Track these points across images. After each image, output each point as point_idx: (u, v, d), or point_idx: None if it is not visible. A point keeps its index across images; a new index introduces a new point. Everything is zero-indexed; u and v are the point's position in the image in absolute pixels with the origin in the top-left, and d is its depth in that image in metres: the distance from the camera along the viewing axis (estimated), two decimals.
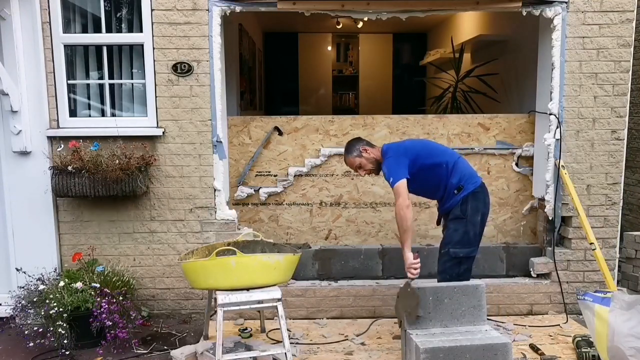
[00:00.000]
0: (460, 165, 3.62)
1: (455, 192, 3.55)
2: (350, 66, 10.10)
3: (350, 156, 3.73)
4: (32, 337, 3.65)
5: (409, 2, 4.13)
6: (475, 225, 3.55)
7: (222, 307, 3.18)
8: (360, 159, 3.70)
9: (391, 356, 3.58)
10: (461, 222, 3.53)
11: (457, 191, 3.54)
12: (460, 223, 3.54)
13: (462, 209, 3.53)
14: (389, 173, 3.52)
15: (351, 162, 3.75)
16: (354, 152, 3.71)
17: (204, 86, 4.15)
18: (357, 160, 3.71)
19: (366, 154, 3.69)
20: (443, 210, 3.69)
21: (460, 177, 3.57)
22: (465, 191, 3.53)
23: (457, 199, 3.54)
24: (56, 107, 4.20)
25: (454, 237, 3.54)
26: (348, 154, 3.75)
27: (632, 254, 4.73)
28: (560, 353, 3.57)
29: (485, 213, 3.61)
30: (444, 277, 3.56)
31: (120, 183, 3.93)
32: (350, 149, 3.74)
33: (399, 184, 3.44)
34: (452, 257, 3.54)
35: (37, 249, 4.19)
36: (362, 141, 3.77)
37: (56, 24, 4.14)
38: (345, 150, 3.78)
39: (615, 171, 4.32)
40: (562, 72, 4.20)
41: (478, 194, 3.57)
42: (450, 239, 3.56)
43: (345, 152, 3.78)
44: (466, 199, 3.53)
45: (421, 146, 3.73)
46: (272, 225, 4.64)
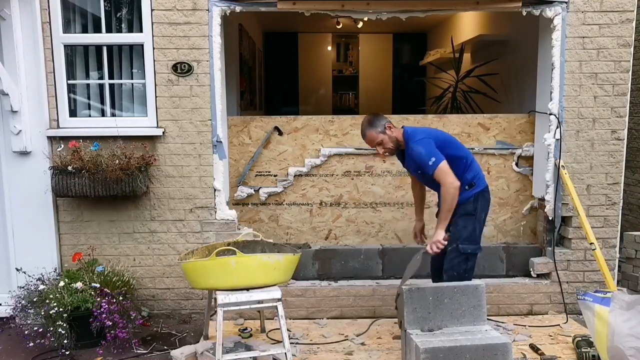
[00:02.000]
0: (475, 164, 3.64)
1: (467, 187, 3.53)
2: (350, 66, 10.10)
3: (374, 130, 3.51)
4: (32, 337, 3.65)
5: (409, 2, 4.13)
6: (481, 223, 3.59)
7: (222, 307, 3.18)
8: (383, 136, 3.51)
9: (391, 356, 3.58)
10: (471, 219, 3.53)
11: (468, 187, 3.53)
12: (470, 219, 3.54)
13: (474, 205, 3.53)
14: (427, 154, 3.38)
15: (373, 137, 3.53)
16: (378, 126, 3.51)
17: (204, 86, 4.15)
18: (380, 136, 3.51)
19: (389, 131, 3.51)
20: None
21: (475, 174, 3.57)
22: (477, 188, 3.55)
23: (469, 195, 3.52)
24: (56, 107, 4.20)
25: (462, 233, 3.52)
26: (371, 127, 3.52)
27: (632, 254, 4.73)
28: (560, 353, 3.57)
29: (487, 214, 3.65)
30: (450, 274, 3.55)
31: (120, 183, 3.93)
32: (374, 122, 3.52)
33: (443, 164, 3.35)
34: (461, 252, 3.52)
35: (37, 249, 4.19)
36: (384, 118, 3.57)
37: (56, 24, 4.14)
38: (367, 123, 3.54)
39: (615, 171, 4.32)
40: (562, 72, 4.21)
41: (486, 193, 3.61)
42: (459, 234, 3.52)
43: (367, 125, 3.53)
44: (477, 196, 3.54)
45: (447, 136, 3.68)
46: (272, 225, 4.64)
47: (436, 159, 3.38)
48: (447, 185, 3.36)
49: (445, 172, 3.37)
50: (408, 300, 3.27)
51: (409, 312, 3.27)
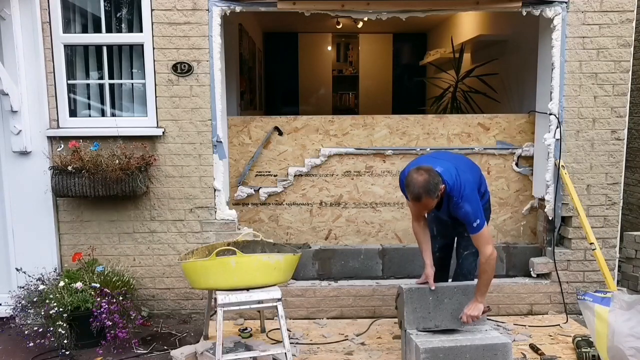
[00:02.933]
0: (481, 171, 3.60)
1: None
2: (350, 66, 10.10)
3: (431, 197, 3.07)
4: (32, 337, 3.65)
5: (409, 2, 4.13)
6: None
7: (222, 307, 3.18)
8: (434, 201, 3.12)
9: (391, 356, 3.58)
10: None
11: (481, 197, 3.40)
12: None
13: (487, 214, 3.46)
14: (474, 215, 3.12)
15: (429, 204, 3.13)
16: (435, 192, 3.07)
17: (204, 86, 4.15)
18: (434, 202, 3.12)
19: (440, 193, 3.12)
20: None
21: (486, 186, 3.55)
22: (487, 194, 3.54)
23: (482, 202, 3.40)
24: (56, 107, 4.20)
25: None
26: (429, 195, 3.05)
27: (632, 254, 4.73)
28: (560, 353, 3.57)
29: None
30: (471, 278, 3.54)
31: (120, 183, 3.93)
32: (432, 189, 3.05)
33: (486, 230, 3.17)
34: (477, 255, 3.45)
35: (37, 249, 4.19)
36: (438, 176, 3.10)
37: (56, 24, 4.14)
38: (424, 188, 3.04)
39: (615, 171, 4.32)
40: (562, 72, 4.21)
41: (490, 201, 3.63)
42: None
43: (425, 192, 3.05)
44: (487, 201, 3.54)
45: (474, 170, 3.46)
46: (272, 225, 4.64)
47: (480, 222, 3.15)
48: (486, 255, 3.16)
49: (486, 239, 3.17)
50: (408, 300, 3.28)
51: (409, 312, 3.27)
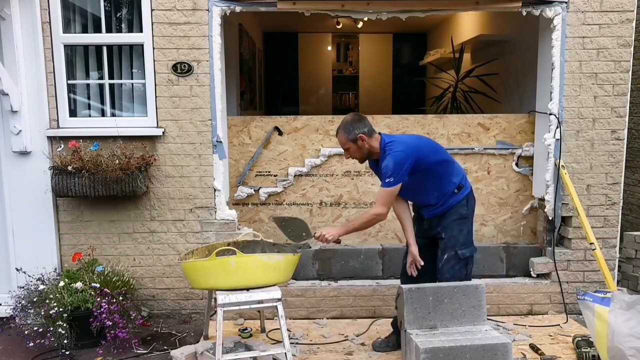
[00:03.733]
0: (457, 165, 3.55)
1: (455, 191, 3.44)
2: (350, 66, 10.10)
3: (345, 135, 3.36)
4: (32, 337, 3.65)
5: (409, 2, 4.13)
6: (472, 223, 3.54)
7: (222, 307, 3.18)
8: (352, 144, 3.36)
9: (391, 356, 3.58)
10: (465, 222, 3.47)
11: (457, 190, 3.44)
12: (464, 223, 3.47)
13: (467, 207, 3.46)
14: (392, 170, 3.23)
15: (341, 141, 3.41)
16: (350, 133, 3.34)
17: (204, 86, 4.15)
18: (348, 143, 3.37)
19: (361, 142, 3.34)
20: (436, 212, 3.47)
21: (460, 176, 3.50)
22: (466, 190, 3.47)
23: (459, 198, 3.44)
24: (56, 107, 4.20)
25: (459, 238, 3.44)
26: (343, 131, 3.36)
27: (632, 254, 4.73)
28: (560, 353, 3.57)
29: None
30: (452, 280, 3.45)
31: (120, 183, 3.93)
32: (349, 127, 3.35)
33: (393, 190, 3.25)
34: (460, 258, 3.44)
35: (37, 249, 4.19)
36: (364, 125, 3.35)
37: (56, 24, 4.14)
38: (343, 124, 3.38)
39: (615, 171, 4.32)
40: (562, 72, 4.21)
41: (473, 192, 3.56)
42: (455, 240, 3.43)
43: (342, 127, 3.38)
44: (468, 197, 3.48)
45: (430, 142, 3.55)
46: (272, 225, 4.64)
47: (392, 181, 3.23)
48: (374, 209, 3.30)
49: (386, 198, 3.27)
50: (408, 300, 3.27)
51: (409, 312, 3.27)
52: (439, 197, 3.44)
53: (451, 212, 3.44)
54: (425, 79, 8.88)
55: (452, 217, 3.44)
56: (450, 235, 3.44)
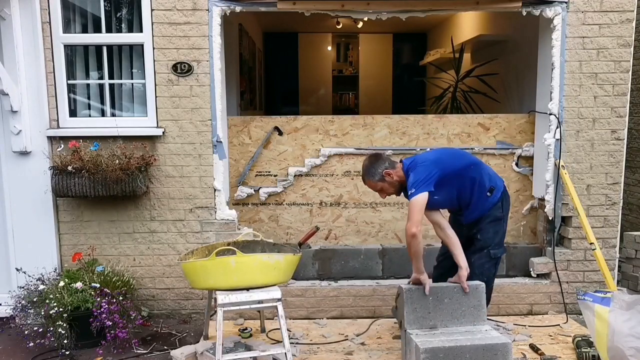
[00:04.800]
0: (484, 166, 3.55)
1: (488, 194, 3.44)
2: (350, 66, 10.10)
3: (372, 179, 3.41)
4: (32, 337, 3.65)
5: (409, 2, 4.13)
6: (507, 223, 3.60)
7: (222, 307, 3.18)
8: (382, 184, 3.41)
9: (391, 356, 3.58)
10: (500, 223, 3.51)
11: (490, 193, 3.44)
12: (499, 224, 3.51)
13: (502, 209, 3.49)
14: (414, 183, 3.22)
15: (372, 186, 3.45)
16: (375, 175, 3.39)
17: (204, 86, 4.15)
18: (378, 184, 3.42)
19: (389, 178, 3.38)
20: (476, 216, 3.49)
21: (489, 177, 3.50)
22: (498, 191, 3.49)
23: (494, 201, 3.46)
24: (56, 107, 4.20)
25: (495, 239, 3.48)
26: (369, 176, 3.41)
27: (632, 254, 4.73)
28: (560, 353, 3.57)
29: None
30: (481, 279, 3.49)
31: (120, 183, 3.93)
32: (370, 171, 3.40)
33: (417, 198, 3.18)
34: (492, 258, 3.51)
35: (37, 249, 4.19)
36: (383, 162, 3.40)
37: (56, 24, 4.14)
38: (366, 170, 3.43)
39: (615, 171, 4.32)
40: (562, 72, 4.21)
41: (507, 191, 3.59)
42: (491, 241, 3.47)
43: (366, 174, 3.43)
44: (502, 199, 3.50)
45: (445, 153, 3.59)
46: (272, 225, 4.64)
47: (415, 191, 3.21)
48: (407, 225, 3.20)
49: (412, 209, 3.18)
50: (408, 300, 3.28)
51: (409, 312, 3.27)
52: (473, 201, 3.47)
53: (487, 214, 3.48)
54: (425, 79, 8.88)
55: (487, 220, 3.49)
56: (486, 237, 3.49)
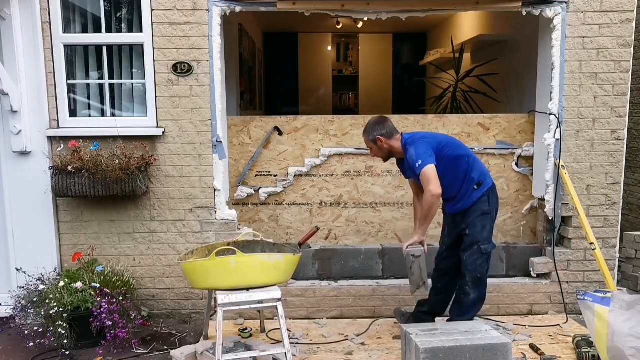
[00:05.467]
0: (478, 162, 3.65)
1: (475, 187, 3.54)
2: (350, 66, 10.10)
3: (366, 136, 3.69)
4: (32, 337, 3.65)
5: (409, 2, 4.13)
6: (494, 220, 3.63)
7: (222, 307, 3.18)
8: (372, 145, 3.68)
9: (391, 356, 3.58)
10: (487, 218, 3.57)
11: (477, 187, 3.54)
12: (487, 219, 3.57)
13: (489, 203, 3.56)
14: (417, 156, 3.41)
15: (365, 142, 3.75)
16: (369, 135, 3.66)
17: (204, 86, 4.15)
18: (370, 144, 3.70)
19: (380, 143, 3.62)
20: (457, 208, 3.62)
21: (480, 172, 3.59)
22: (485, 186, 3.56)
23: (479, 195, 3.54)
24: (56, 107, 4.20)
25: (483, 234, 3.55)
26: (365, 133, 3.70)
27: (632, 254, 4.73)
28: (560, 353, 3.57)
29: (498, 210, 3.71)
30: (474, 275, 3.57)
31: (120, 183, 3.93)
32: (368, 130, 3.67)
33: (430, 168, 3.36)
34: (483, 253, 3.56)
35: (37, 249, 4.19)
36: (383, 128, 3.63)
37: (56, 24, 4.14)
38: (366, 127, 3.72)
39: (615, 171, 4.32)
40: (562, 72, 4.21)
41: (495, 189, 3.64)
42: (480, 236, 3.54)
43: (364, 129, 3.72)
44: (488, 194, 3.57)
45: (447, 138, 3.71)
46: (272, 225, 4.64)
47: (423, 162, 3.37)
48: (426, 191, 3.36)
49: (428, 177, 3.35)
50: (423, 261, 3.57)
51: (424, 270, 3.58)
52: (458, 191, 3.57)
53: (473, 208, 3.55)
54: (425, 79, 8.88)
55: (475, 214, 3.55)
56: (475, 232, 3.56)
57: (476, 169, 3.58)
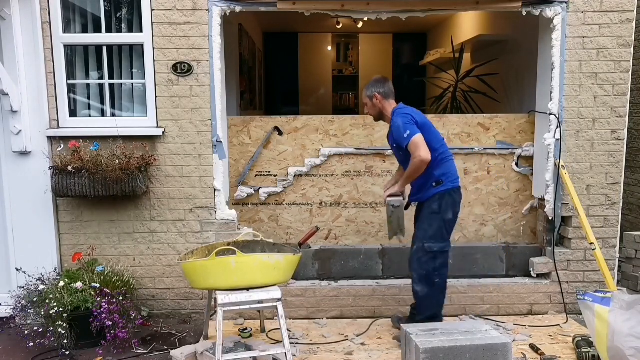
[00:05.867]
0: (448, 162, 3.67)
1: (433, 184, 3.60)
2: (350, 66, 10.10)
3: (365, 92, 3.79)
4: (32, 337, 3.65)
5: (409, 2, 4.14)
6: (447, 222, 3.64)
7: (222, 307, 3.18)
8: (368, 101, 3.77)
9: (391, 356, 3.58)
10: (436, 217, 3.61)
11: (435, 184, 3.59)
12: (435, 218, 3.61)
13: (439, 204, 3.60)
14: (404, 126, 3.51)
15: (362, 97, 3.84)
16: (368, 90, 3.76)
17: (204, 86, 4.15)
18: (366, 99, 3.79)
19: (375, 100, 3.73)
20: (416, 199, 3.75)
21: (444, 172, 3.62)
22: (443, 187, 3.60)
23: (434, 192, 3.60)
24: (56, 107, 4.20)
25: (428, 232, 3.62)
26: (365, 89, 3.80)
27: (632, 254, 4.73)
28: (560, 353, 3.57)
29: (457, 213, 3.69)
30: (420, 272, 3.65)
31: (120, 183, 3.93)
32: (369, 85, 3.78)
33: (418, 137, 3.46)
34: (428, 251, 3.61)
35: (37, 249, 4.19)
36: (382, 87, 3.74)
37: (56, 24, 4.14)
38: (368, 83, 3.81)
39: (615, 171, 4.32)
40: (562, 72, 4.21)
41: (454, 193, 3.65)
42: (425, 233, 3.63)
43: (366, 85, 3.82)
44: (443, 194, 3.60)
45: (431, 125, 3.73)
46: (272, 225, 4.64)
47: (411, 132, 3.48)
48: (416, 156, 3.45)
49: (417, 145, 3.45)
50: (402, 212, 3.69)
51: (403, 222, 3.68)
52: (416, 181, 3.63)
53: (425, 204, 3.65)
54: (425, 79, 8.88)
55: (426, 210, 3.65)
56: (421, 228, 3.66)
57: (441, 167, 3.61)
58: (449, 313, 4.25)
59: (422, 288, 3.66)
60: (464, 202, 4.58)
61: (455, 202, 3.66)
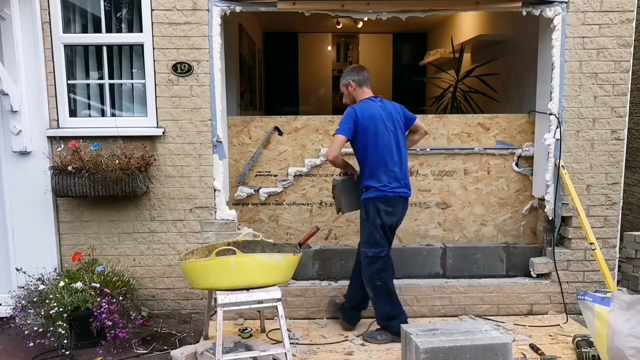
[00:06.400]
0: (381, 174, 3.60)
1: (364, 189, 3.67)
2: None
3: (341, 79, 3.86)
4: (32, 337, 3.65)
5: (409, 2, 4.13)
6: (378, 229, 3.63)
7: (222, 307, 3.18)
8: (343, 88, 3.86)
9: (391, 356, 3.58)
10: (365, 223, 3.68)
11: (365, 189, 3.66)
12: (364, 224, 3.69)
13: (366, 210, 3.66)
14: (341, 121, 3.67)
15: (340, 88, 3.91)
16: (344, 78, 3.83)
17: (204, 86, 4.15)
18: (342, 87, 3.86)
19: (350, 88, 3.80)
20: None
21: (372, 184, 3.61)
22: (368, 194, 3.63)
23: (363, 198, 3.68)
24: (56, 107, 4.20)
25: (363, 237, 3.71)
26: (341, 77, 3.86)
27: (632, 254, 4.73)
28: (560, 353, 3.57)
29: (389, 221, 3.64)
30: (364, 275, 3.70)
31: (120, 183, 3.93)
32: (344, 74, 3.84)
33: (338, 136, 3.60)
34: (365, 256, 3.66)
35: (37, 249, 4.19)
36: (357, 75, 3.77)
37: (56, 24, 4.14)
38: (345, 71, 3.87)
39: (615, 171, 4.32)
40: (562, 72, 4.20)
41: (380, 203, 3.60)
42: (361, 237, 3.72)
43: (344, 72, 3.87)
44: (368, 201, 3.64)
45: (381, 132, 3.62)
46: (272, 225, 4.64)
47: (339, 129, 3.61)
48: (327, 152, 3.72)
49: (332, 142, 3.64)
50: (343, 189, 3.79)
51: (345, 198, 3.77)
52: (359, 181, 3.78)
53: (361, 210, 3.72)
54: (425, 79, 8.88)
55: (360, 215, 3.73)
56: (361, 231, 3.73)
57: (372, 178, 3.61)
58: (449, 313, 4.26)
59: (369, 290, 3.72)
60: (464, 201, 4.60)
61: (379, 211, 3.60)
